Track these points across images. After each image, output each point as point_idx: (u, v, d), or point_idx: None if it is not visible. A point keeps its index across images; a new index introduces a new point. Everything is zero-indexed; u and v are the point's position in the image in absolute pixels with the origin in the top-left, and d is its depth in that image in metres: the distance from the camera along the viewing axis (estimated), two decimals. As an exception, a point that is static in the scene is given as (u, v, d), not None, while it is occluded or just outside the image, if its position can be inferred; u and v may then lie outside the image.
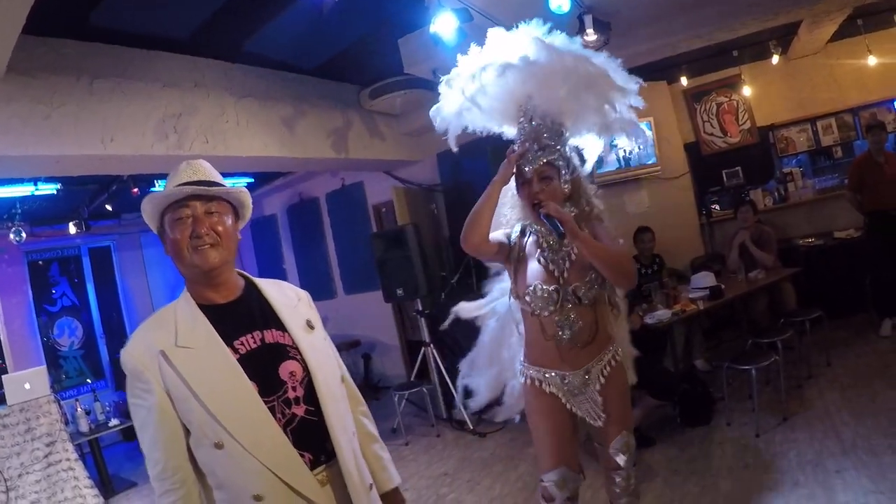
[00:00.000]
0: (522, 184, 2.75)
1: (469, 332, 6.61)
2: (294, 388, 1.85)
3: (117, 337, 9.32)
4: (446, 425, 6.61)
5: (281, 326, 1.94)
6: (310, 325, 2.02)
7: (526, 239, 2.85)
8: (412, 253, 6.49)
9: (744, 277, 6.11)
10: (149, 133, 4.79)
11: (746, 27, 5.96)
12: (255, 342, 1.86)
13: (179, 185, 1.86)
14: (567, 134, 2.84)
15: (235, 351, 1.82)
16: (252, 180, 8.93)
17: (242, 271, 2.03)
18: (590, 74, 2.69)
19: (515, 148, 2.79)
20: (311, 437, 1.85)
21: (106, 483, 6.52)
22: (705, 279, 5.77)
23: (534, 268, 2.75)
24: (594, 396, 2.70)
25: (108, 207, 7.70)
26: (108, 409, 7.11)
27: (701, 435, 4.87)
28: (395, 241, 6.71)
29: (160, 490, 1.75)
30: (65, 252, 9.14)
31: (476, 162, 6.47)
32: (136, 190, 6.75)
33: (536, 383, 2.76)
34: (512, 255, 2.83)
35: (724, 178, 8.10)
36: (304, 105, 6.17)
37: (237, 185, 1.94)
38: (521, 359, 2.87)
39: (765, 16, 5.80)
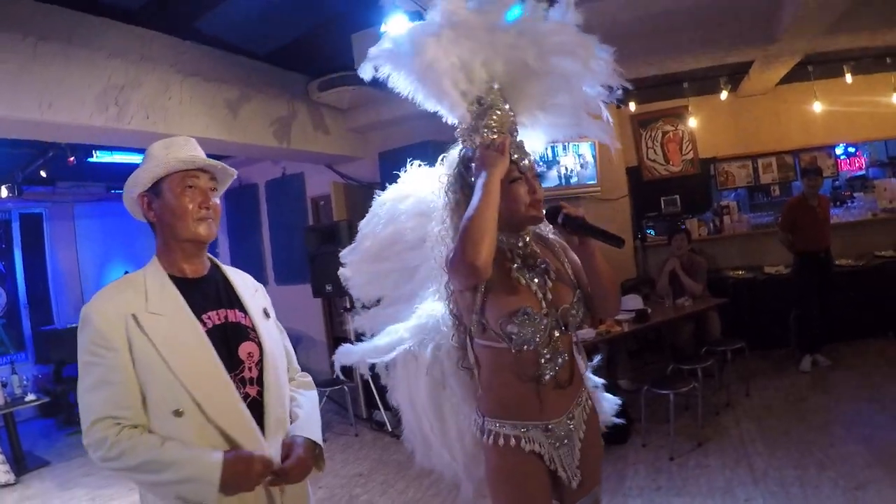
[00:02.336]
0: (513, 180, 2.09)
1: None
2: (250, 369, 1.93)
3: (41, 308, 9.03)
4: (365, 425, 6.59)
5: (242, 308, 2.02)
6: (266, 313, 2.10)
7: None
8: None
9: (671, 303, 6.24)
10: (89, 103, 4.64)
11: (699, 61, 6.12)
12: (219, 318, 1.93)
13: (182, 157, 1.92)
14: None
15: (203, 324, 1.87)
16: (192, 159, 8.73)
17: (209, 255, 2.09)
18: (584, 61, 2.18)
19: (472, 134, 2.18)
20: (258, 418, 1.90)
21: (18, 460, 6.29)
22: (632, 301, 5.84)
23: (511, 288, 2.10)
24: (575, 448, 2.14)
25: (43, 174, 7.47)
26: (25, 383, 6.85)
27: (616, 454, 4.92)
28: (329, 236, 6.65)
29: (109, 425, 1.70)
30: (-7, 215, 8.80)
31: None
32: (72, 159, 6.57)
33: (513, 442, 2.09)
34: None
35: (662, 205, 8.27)
36: (250, 90, 6.07)
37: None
38: (480, 412, 2.20)
39: (718, 53, 5.96)
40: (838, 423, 5.00)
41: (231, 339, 1.91)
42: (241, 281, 2.12)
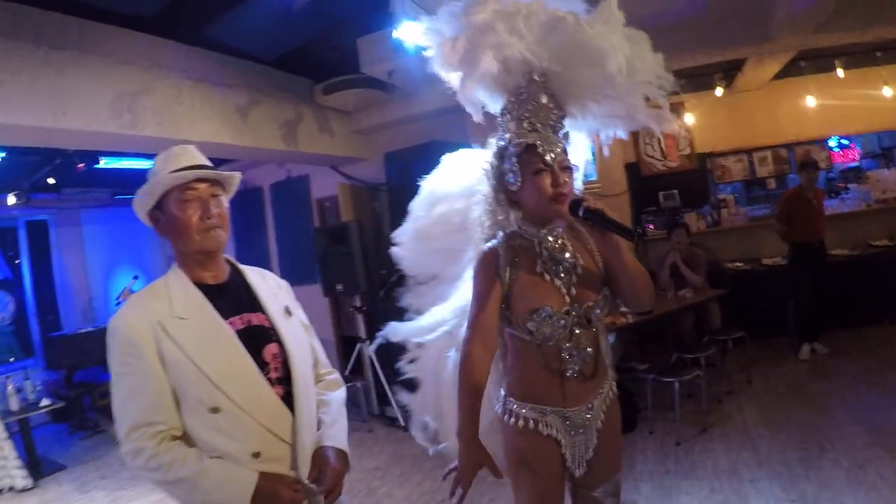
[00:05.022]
0: (537, 172, 2.09)
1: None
2: (276, 369, 1.96)
3: (50, 314, 9.08)
4: (378, 421, 6.69)
5: (263, 311, 2.04)
6: (288, 312, 2.12)
7: (515, 248, 2.20)
8: (354, 249, 6.52)
9: (673, 295, 6.34)
10: (103, 110, 4.71)
11: (695, 59, 6.22)
12: (242, 323, 1.98)
13: (179, 169, 1.93)
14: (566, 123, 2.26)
15: None
16: (199, 163, 8.80)
17: (228, 257, 2.12)
18: (639, 56, 2.21)
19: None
20: None
21: (34, 464, 6.31)
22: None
23: (535, 285, 2.14)
24: (591, 437, 2.19)
25: (51, 181, 7.51)
26: (38, 388, 6.91)
27: (625, 441, 4.98)
28: (339, 236, 6.74)
29: (146, 434, 1.76)
30: (1, 223, 8.82)
31: (424, 165, 6.55)
32: (81, 165, 6.64)
33: (531, 424, 2.16)
34: (502, 277, 2.15)
35: (661, 200, 8.37)
36: (258, 94, 6.15)
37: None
38: (504, 393, 2.28)
39: (714, 50, 6.07)
40: (837, 407, 5.14)
41: (255, 343, 1.94)
42: (262, 282, 2.14)
